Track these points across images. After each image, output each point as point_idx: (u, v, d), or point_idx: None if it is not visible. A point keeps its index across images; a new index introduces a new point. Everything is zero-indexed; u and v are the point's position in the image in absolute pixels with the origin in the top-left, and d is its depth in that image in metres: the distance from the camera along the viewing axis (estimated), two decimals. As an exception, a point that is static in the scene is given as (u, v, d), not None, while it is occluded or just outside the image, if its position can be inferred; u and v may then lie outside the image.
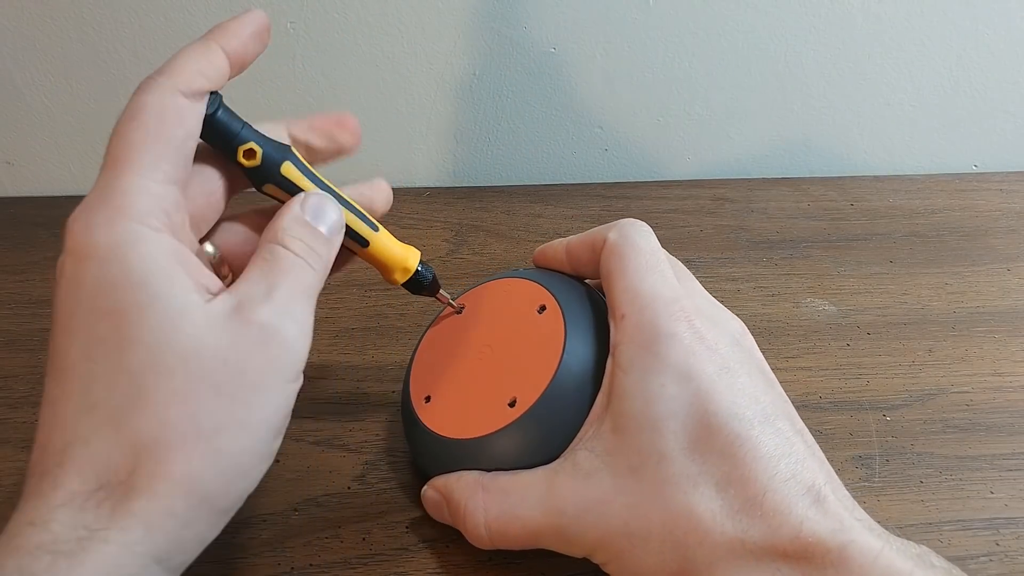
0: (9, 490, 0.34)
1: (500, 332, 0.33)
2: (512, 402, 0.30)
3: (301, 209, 0.27)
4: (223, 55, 0.26)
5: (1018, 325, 0.44)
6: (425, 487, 0.32)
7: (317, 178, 0.29)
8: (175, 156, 0.25)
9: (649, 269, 0.29)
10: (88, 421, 0.23)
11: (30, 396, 0.39)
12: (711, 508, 0.25)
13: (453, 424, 0.31)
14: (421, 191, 0.56)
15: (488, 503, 0.29)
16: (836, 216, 0.53)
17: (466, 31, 0.51)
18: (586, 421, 0.29)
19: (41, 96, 0.52)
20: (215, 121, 0.26)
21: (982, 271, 0.48)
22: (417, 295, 0.33)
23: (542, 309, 0.32)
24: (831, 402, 0.39)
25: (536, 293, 0.32)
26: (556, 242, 0.34)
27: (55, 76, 0.51)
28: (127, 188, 0.24)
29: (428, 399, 0.33)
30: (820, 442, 0.28)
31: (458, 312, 0.35)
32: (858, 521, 0.24)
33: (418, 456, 0.34)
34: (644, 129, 0.57)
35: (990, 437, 0.37)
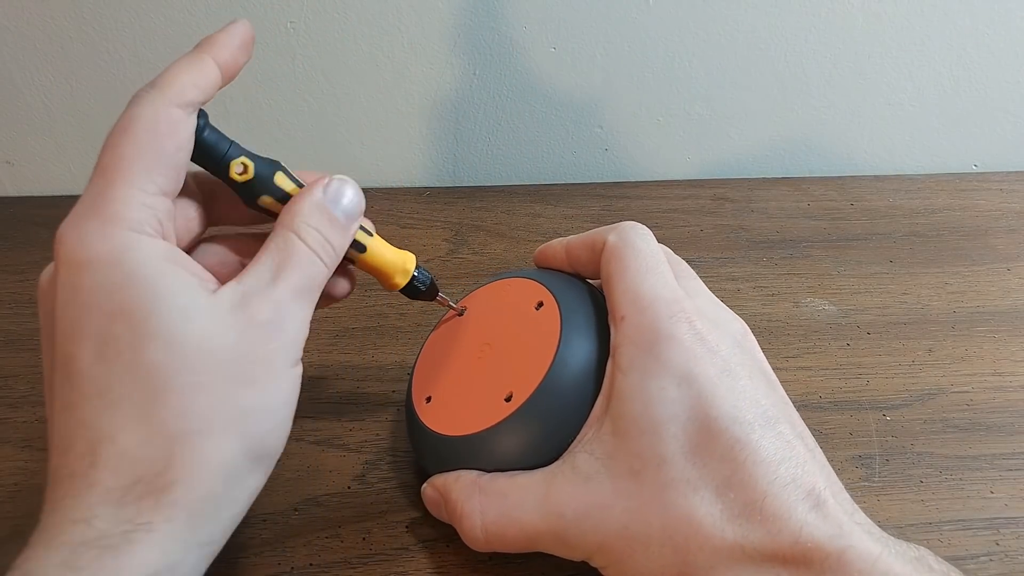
0: (9, 490, 0.34)
1: (499, 330, 0.33)
2: (508, 397, 0.30)
3: (324, 194, 0.27)
4: (214, 66, 0.27)
5: (1018, 325, 0.44)
6: (425, 485, 0.32)
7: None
8: (167, 168, 0.25)
9: (648, 271, 0.29)
10: (112, 419, 0.23)
11: (30, 396, 0.39)
12: (711, 512, 0.25)
13: (452, 422, 0.31)
14: (421, 191, 0.56)
15: (485, 505, 0.29)
16: (836, 216, 0.53)
17: (466, 31, 0.51)
18: (586, 423, 0.29)
19: (41, 96, 0.52)
20: (203, 140, 0.27)
21: (982, 271, 0.48)
22: (416, 300, 0.33)
23: (539, 305, 0.32)
24: (831, 402, 0.39)
25: (534, 290, 0.33)
26: (556, 241, 0.34)
27: (55, 76, 0.51)
28: (120, 198, 0.24)
29: (429, 399, 0.33)
30: (820, 442, 0.28)
31: (459, 314, 0.35)
32: (858, 525, 0.24)
33: (420, 457, 0.34)
34: (644, 129, 0.57)
35: (990, 437, 0.37)
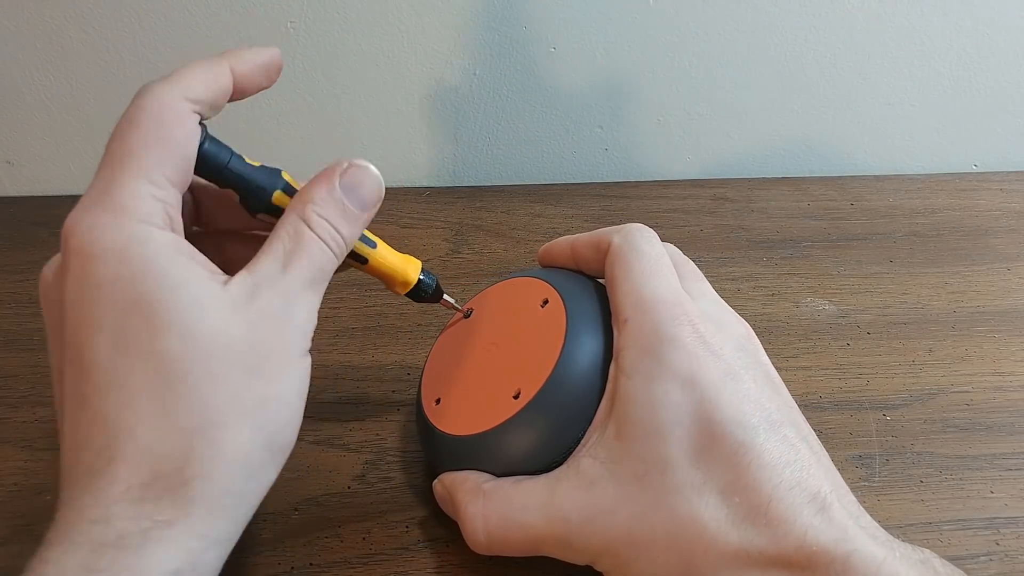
0: (9, 490, 0.34)
1: (505, 330, 0.33)
2: (516, 394, 0.30)
3: (339, 182, 0.27)
4: (229, 75, 0.26)
5: (1018, 325, 0.44)
6: (436, 481, 0.32)
7: None
8: (176, 159, 0.25)
9: (652, 274, 0.29)
10: (130, 413, 0.23)
11: (30, 396, 0.39)
12: (716, 517, 0.25)
13: (461, 422, 0.31)
14: (421, 191, 0.56)
15: (488, 509, 0.29)
16: (836, 216, 0.53)
17: (466, 31, 0.51)
18: (590, 427, 0.29)
19: (41, 96, 0.52)
20: (203, 152, 0.26)
21: (982, 271, 0.48)
22: (421, 303, 0.33)
23: (545, 303, 0.32)
24: (831, 402, 0.39)
25: (539, 289, 0.33)
26: (562, 239, 0.35)
27: (55, 76, 0.51)
28: (129, 190, 0.24)
29: (438, 401, 0.33)
30: (820, 442, 0.28)
31: (466, 316, 0.35)
32: (863, 529, 0.24)
33: (432, 459, 0.33)
34: (644, 129, 0.57)
35: (990, 437, 0.37)
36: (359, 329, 0.43)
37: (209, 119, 0.27)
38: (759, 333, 0.31)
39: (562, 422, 0.29)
